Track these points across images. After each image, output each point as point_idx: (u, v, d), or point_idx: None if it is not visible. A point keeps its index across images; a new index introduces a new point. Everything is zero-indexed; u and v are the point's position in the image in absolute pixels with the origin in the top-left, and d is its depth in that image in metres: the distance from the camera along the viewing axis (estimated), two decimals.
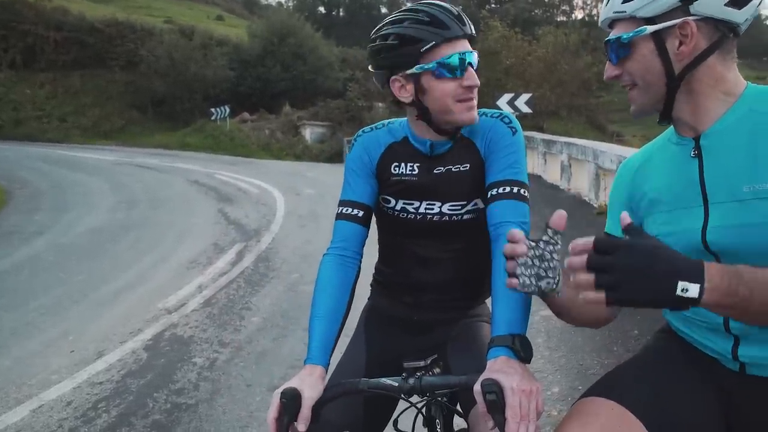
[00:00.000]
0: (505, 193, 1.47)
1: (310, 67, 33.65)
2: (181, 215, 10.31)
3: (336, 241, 1.61)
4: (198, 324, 5.04)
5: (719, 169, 1.23)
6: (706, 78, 1.24)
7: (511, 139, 1.54)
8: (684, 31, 1.21)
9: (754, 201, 1.16)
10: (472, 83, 1.46)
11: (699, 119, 1.27)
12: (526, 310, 1.35)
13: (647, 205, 1.38)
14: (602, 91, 35.39)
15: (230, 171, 17.69)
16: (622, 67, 1.31)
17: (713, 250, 1.23)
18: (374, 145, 1.64)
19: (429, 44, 1.43)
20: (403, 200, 1.62)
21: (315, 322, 1.50)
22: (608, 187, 8.90)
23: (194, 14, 49.08)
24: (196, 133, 29.81)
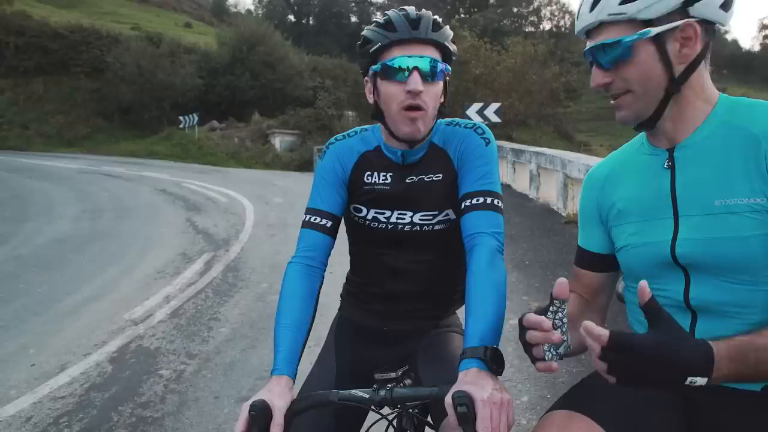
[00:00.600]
0: (479, 203, 1.47)
1: (279, 76, 33.50)
2: (149, 225, 10.12)
3: (301, 250, 1.58)
4: (165, 335, 4.94)
5: (691, 182, 1.23)
6: (695, 84, 1.23)
7: (484, 150, 1.54)
8: (686, 33, 1.18)
9: (725, 215, 1.17)
10: (413, 88, 1.42)
11: (678, 129, 1.26)
12: (500, 323, 1.34)
13: (616, 215, 1.38)
14: (570, 101, 36.09)
15: (199, 180, 17.45)
16: (615, 74, 1.25)
17: (682, 263, 1.24)
18: (347, 154, 1.62)
19: (375, 45, 1.45)
20: (374, 209, 1.60)
21: (281, 332, 1.48)
22: (576, 196, 9.04)
23: (162, 21, 48.54)
24: (163, 142, 29.40)
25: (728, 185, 1.17)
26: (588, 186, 1.49)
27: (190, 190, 14.96)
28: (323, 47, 51.31)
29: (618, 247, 1.38)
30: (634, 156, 1.39)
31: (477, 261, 1.39)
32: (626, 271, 1.40)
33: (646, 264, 1.30)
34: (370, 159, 1.61)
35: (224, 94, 32.87)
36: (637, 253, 1.32)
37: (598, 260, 1.46)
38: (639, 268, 1.32)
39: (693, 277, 1.23)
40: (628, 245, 1.34)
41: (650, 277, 1.28)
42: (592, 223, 1.47)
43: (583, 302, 1.48)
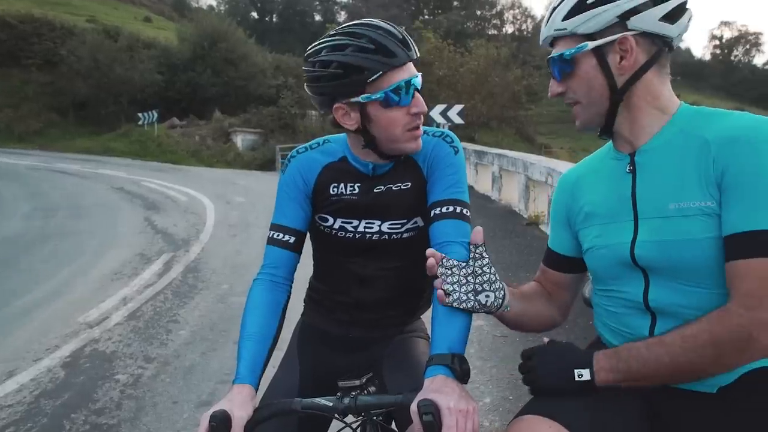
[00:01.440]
0: (448, 212, 1.46)
1: (241, 73, 33.11)
2: (105, 224, 9.86)
3: (266, 267, 1.56)
4: (122, 338, 4.79)
5: (650, 186, 1.28)
6: (644, 93, 1.28)
7: (453, 159, 1.53)
8: (623, 46, 1.24)
9: (679, 218, 1.21)
10: (420, 110, 1.42)
11: (636, 135, 1.31)
12: (466, 330, 1.35)
13: (583, 218, 1.42)
14: (531, 103, 36.70)
15: (158, 178, 17.10)
16: (565, 84, 1.33)
17: (640, 264, 1.28)
18: (309, 167, 1.57)
19: (376, 74, 1.36)
20: (341, 219, 1.57)
21: (244, 342, 1.44)
22: (537, 198, 9.18)
23: (120, 14, 47.43)
24: (121, 139, 28.72)
25: (682, 189, 1.21)
26: (559, 190, 1.54)
27: (148, 189, 14.64)
28: (287, 45, 50.98)
29: (584, 249, 1.43)
30: (602, 161, 1.44)
31: None
32: (592, 273, 1.45)
33: (608, 265, 1.34)
34: (335, 170, 1.57)
35: (185, 90, 32.31)
36: (600, 255, 1.37)
37: (564, 262, 1.53)
38: (602, 269, 1.37)
39: (652, 279, 1.27)
40: (593, 247, 1.39)
41: (613, 278, 1.35)
42: (561, 226, 1.52)
43: (545, 293, 1.56)
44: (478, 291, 1.29)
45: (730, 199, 1.16)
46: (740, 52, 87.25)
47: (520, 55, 39.05)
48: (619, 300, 1.35)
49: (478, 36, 48.46)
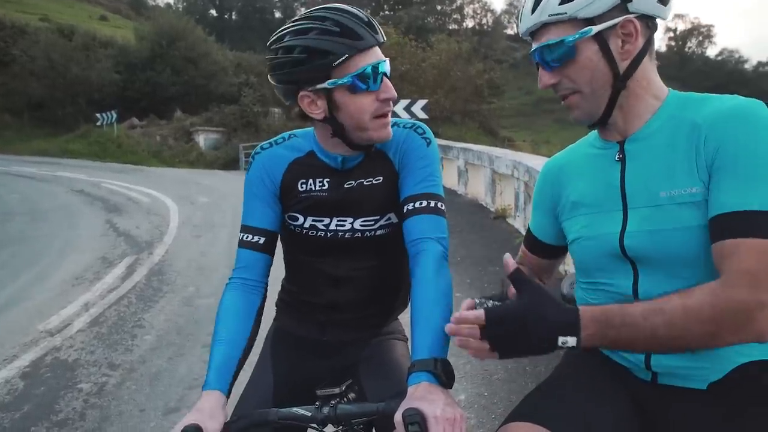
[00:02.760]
0: (422, 207, 1.40)
1: (202, 72, 32.57)
2: (65, 228, 9.56)
3: (238, 270, 1.50)
4: (84, 346, 4.64)
5: (639, 174, 1.24)
6: (641, 80, 1.24)
7: (425, 151, 1.47)
8: (626, 29, 1.19)
9: (670, 206, 1.17)
10: (389, 95, 1.36)
11: (629, 123, 1.27)
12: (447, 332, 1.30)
13: (570, 207, 1.38)
14: (494, 97, 37.02)
15: (119, 179, 16.69)
16: (561, 74, 1.25)
17: (630, 255, 1.24)
18: (274, 163, 1.51)
19: (341, 57, 1.30)
20: (312, 217, 1.50)
21: (215, 347, 1.38)
22: (504, 192, 9.24)
23: (74, 13, 46.13)
24: (79, 140, 27.94)
25: (673, 176, 1.18)
26: (543, 178, 1.50)
27: (109, 191, 14.28)
28: (247, 43, 50.38)
29: (570, 239, 1.39)
30: (588, 150, 1.39)
31: (423, 269, 1.33)
32: (578, 264, 1.40)
33: (596, 256, 1.30)
34: (302, 165, 1.50)
35: (144, 90, 31.64)
36: (588, 246, 1.33)
37: (544, 247, 1.53)
38: (590, 260, 1.33)
39: (641, 271, 1.24)
40: (580, 237, 1.35)
41: (601, 269, 1.30)
42: (544, 214, 1.49)
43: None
44: None
45: (721, 178, 1.12)
46: (694, 44, 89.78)
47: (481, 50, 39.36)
48: (605, 293, 1.31)
49: (439, 31, 48.69)
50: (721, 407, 1.20)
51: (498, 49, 66.79)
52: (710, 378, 1.20)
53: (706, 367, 1.20)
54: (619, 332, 1.08)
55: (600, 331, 1.08)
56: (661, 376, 1.26)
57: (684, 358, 1.20)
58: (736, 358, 1.19)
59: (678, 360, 1.22)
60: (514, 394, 3.47)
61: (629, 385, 1.31)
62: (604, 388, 1.31)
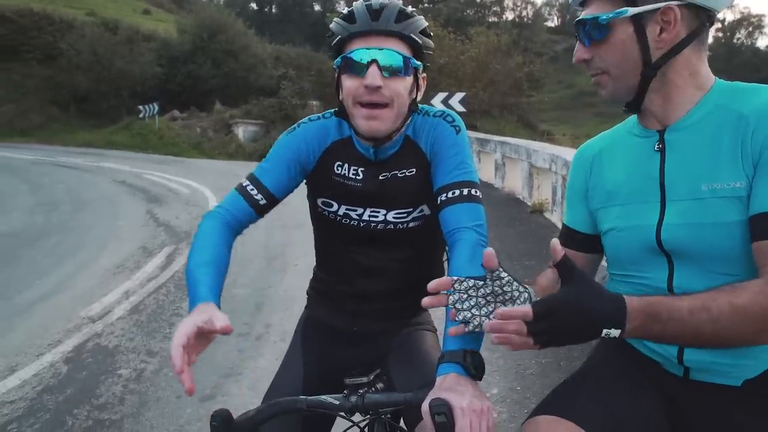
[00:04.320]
0: (455, 196, 1.39)
1: (242, 65, 32.91)
2: (107, 218, 9.81)
3: (223, 208, 1.47)
4: (124, 332, 4.76)
5: (680, 166, 1.19)
6: (682, 69, 1.19)
7: (455, 139, 1.46)
8: (666, 17, 1.14)
9: (712, 200, 1.13)
10: (369, 82, 1.33)
11: (668, 112, 1.22)
12: None
13: (604, 197, 1.34)
14: (533, 90, 36.52)
15: (160, 171, 17.03)
16: (594, 51, 1.22)
17: (666, 248, 1.20)
18: (319, 136, 1.51)
19: (335, 38, 1.39)
20: (346, 206, 1.51)
21: (202, 268, 1.33)
22: (541, 186, 9.11)
23: (118, 7, 47.11)
24: (123, 132, 28.60)
25: (716, 169, 1.13)
26: (577, 164, 1.46)
27: (150, 182, 14.59)
28: (286, 36, 50.68)
29: (603, 230, 1.35)
30: (625, 137, 1.34)
31: (457, 258, 1.32)
32: (611, 256, 1.36)
33: (630, 248, 1.27)
34: (342, 148, 1.51)
35: (185, 83, 32.14)
36: (622, 237, 1.29)
37: (582, 239, 1.44)
38: (624, 252, 1.29)
39: (677, 265, 1.20)
40: (614, 228, 1.31)
41: (634, 262, 1.27)
42: (579, 202, 1.44)
43: None
44: None
45: (766, 174, 1.07)
46: (743, 35, 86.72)
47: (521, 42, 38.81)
48: (639, 286, 1.27)
49: (478, 23, 48.15)
50: (756, 405, 1.17)
51: (538, 41, 65.85)
52: (745, 375, 1.17)
53: (741, 364, 1.17)
54: (664, 327, 1.05)
55: (645, 324, 1.04)
56: (693, 372, 1.23)
57: (718, 354, 1.17)
58: None
59: (712, 356, 1.18)
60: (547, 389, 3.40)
61: (660, 381, 1.28)
62: (634, 382, 1.29)
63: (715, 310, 1.03)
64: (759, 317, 1.02)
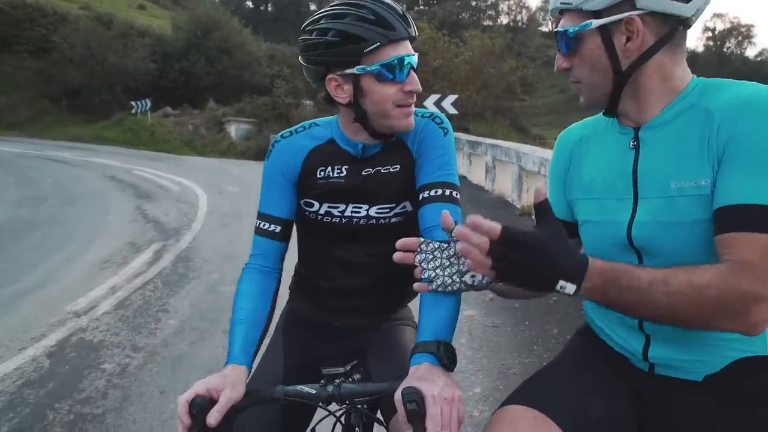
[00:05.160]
0: (437, 195, 1.42)
1: (236, 63, 32.86)
2: (95, 212, 9.77)
3: (254, 257, 1.56)
4: (109, 327, 4.74)
5: (652, 164, 1.21)
6: (654, 74, 1.20)
7: (442, 140, 1.49)
8: (630, 26, 1.16)
9: (679, 198, 1.15)
10: (414, 88, 1.39)
11: (642, 114, 1.24)
12: (454, 317, 1.31)
13: (581, 188, 1.37)
14: (526, 94, 36.70)
15: (150, 167, 16.99)
16: (570, 61, 1.26)
17: (636, 245, 1.23)
18: (294, 152, 1.53)
19: (374, 45, 1.33)
20: (327, 203, 1.53)
21: (236, 328, 1.43)
22: (531, 189, 9.14)
23: (113, 2, 46.90)
24: (114, 127, 28.51)
25: (684, 167, 1.15)
26: (559, 148, 1.47)
27: (140, 178, 14.54)
28: (282, 35, 50.70)
29: (580, 220, 1.38)
30: (605, 130, 1.36)
31: None
32: (585, 248, 1.39)
33: (601, 243, 1.29)
34: (322, 153, 1.53)
35: (179, 79, 32.07)
36: (596, 231, 1.32)
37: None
38: (596, 245, 1.31)
39: (645, 261, 1.23)
40: (589, 221, 1.34)
41: (606, 256, 1.27)
42: (558, 189, 1.46)
43: None
44: (463, 272, 1.23)
45: (730, 168, 1.09)
46: (732, 44, 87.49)
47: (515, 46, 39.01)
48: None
49: (472, 27, 48.36)
50: (716, 399, 1.21)
51: (532, 46, 66.15)
52: (706, 371, 1.21)
53: (702, 360, 1.21)
54: (621, 293, 1.06)
55: (603, 287, 1.05)
56: (658, 367, 1.27)
57: (681, 350, 1.21)
58: (732, 353, 1.19)
59: (675, 352, 1.22)
60: None
61: (628, 375, 1.32)
62: (603, 376, 1.33)
63: (673, 285, 1.04)
64: (714, 300, 1.04)
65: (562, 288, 1.03)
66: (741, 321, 1.05)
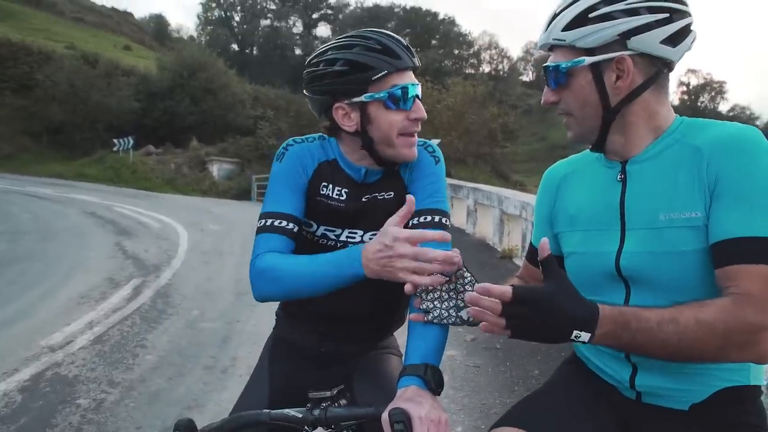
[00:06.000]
0: (427, 222, 1.45)
1: (220, 103, 33.07)
2: (74, 248, 9.64)
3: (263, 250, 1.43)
4: (85, 362, 4.64)
5: (640, 196, 1.26)
6: (641, 111, 1.26)
7: (433, 168, 1.53)
8: (621, 65, 1.22)
9: (669, 229, 1.19)
10: (419, 116, 1.44)
11: (628, 149, 1.29)
12: (442, 342, 1.33)
13: (567, 221, 1.41)
14: (507, 141, 37.32)
15: (131, 204, 16.86)
16: (559, 95, 1.31)
17: (624, 275, 1.26)
18: (307, 158, 1.54)
19: (381, 73, 1.38)
20: (325, 226, 1.55)
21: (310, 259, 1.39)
22: (512, 232, 9.24)
23: (99, 42, 47.26)
24: (95, 164, 28.35)
25: (673, 200, 1.20)
26: (544, 186, 1.53)
27: (121, 214, 14.41)
28: (266, 78, 51.27)
29: (565, 253, 1.41)
30: (591, 164, 1.41)
31: None
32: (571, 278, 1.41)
33: (590, 273, 1.32)
34: (327, 170, 1.55)
35: (162, 118, 32.13)
36: (582, 262, 1.35)
37: None
38: (583, 276, 1.34)
39: (633, 290, 1.26)
40: (575, 252, 1.37)
41: (593, 286, 1.32)
42: (544, 224, 1.50)
43: None
44: (460, 307, 1.26)
45: (725, 203, 1.14)
46: (706, 99, 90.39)
47: (496, 94, 39.87)
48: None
49: (455, 74, 49.41)
50: (701, 428, 1.23)
51: (513, 94, 67.74)
52: (692, 400, 1.24)
53: (688, 389, 1.23)
54: (633, 336, 1.10)
55: (615, 332, 1.09)
56: (645, 396, 1.29)
57: (668, 379, 1.24)
58: (717, 383, 1.22)
59: (661, 381, 1.25)
60: None
61: (615, 403, 1.34)
62: (590, 401, 1.35)
63: (681, 323, 1.09)
64: (721, 333, 1.08)
65: (577, 337, 1.08)
66: (750, 351, 1.10)
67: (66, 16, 55.36)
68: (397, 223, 1.26)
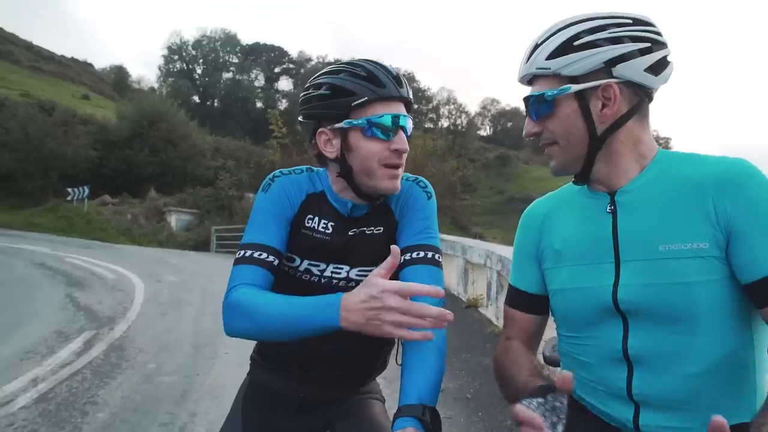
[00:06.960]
0: (419, 258, 1.40)
1: (180, 153, 32.83)
2: (20, 300, 9.15)
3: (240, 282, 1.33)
4: (27, 423, 4.29)
5: (635, 226, 1.23)
6: (626, 140, 1.25)
7: (425, 203, 1.49)
8: (607, 93, 1.22)
9: (671, 261, 1.16)
10: (401, 147, 1.38)
11: (614, 179, 1.27)
12: (439, 382, 1.25)
13: (552, 257, 1.36)
14: (466, 194, 37.94)
15: (84, 254, 16.28)
16: (542, 125, 1.29)
17: (623, 308, 1.22)
18: (295, 190, 1.47)
19: (361, 99, 1.34)
20: (308, 260, 1.46)
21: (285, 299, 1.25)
22: (476, 281, 9.23)
23: (57, 91, 46.77)
24: (46, 213, 27.45)
25: (673, 231, 1.17)
26: (526, 224, 1.47)
27: (73, 265, 13.87)
28: (227, 129, 51.40)
29: (552, 290, 1.36)
30: (574, 198, 1.38)
31: None
32: (561, 317, 1.37)
33: (584, 309, 1.27)
34: (314, 202, 1.48)
35: (120, 168, 31.63)
36: (574, 298, 1.30)
37: (532, 300, 1.44)
38: (576, 313, 1.29)
39: (632, 324, 1.21)
40: (564, 289, 1.32)
41: (588, 324, 1.27)
42: (529, 262, 1.44)
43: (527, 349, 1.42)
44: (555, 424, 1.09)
45: (754, 239, 1.12)
46: None
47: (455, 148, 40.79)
48: (592, 348, 1.27)
49: (415, 128, 50.40)
50: None
51: (471, 148, 69.49)
52: None
53: (692, 427, 1.18)
54: None
55: None
56: None
57: (671, 418, 1.19)
58: None
59: (665, 420, 1.20)
60: None
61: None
62: None
63: None
64: None
65: None
66: None
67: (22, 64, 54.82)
68: (381, 275, 1.14)
